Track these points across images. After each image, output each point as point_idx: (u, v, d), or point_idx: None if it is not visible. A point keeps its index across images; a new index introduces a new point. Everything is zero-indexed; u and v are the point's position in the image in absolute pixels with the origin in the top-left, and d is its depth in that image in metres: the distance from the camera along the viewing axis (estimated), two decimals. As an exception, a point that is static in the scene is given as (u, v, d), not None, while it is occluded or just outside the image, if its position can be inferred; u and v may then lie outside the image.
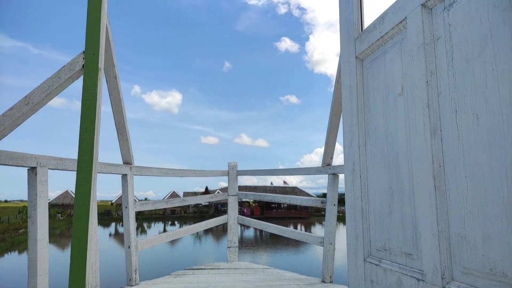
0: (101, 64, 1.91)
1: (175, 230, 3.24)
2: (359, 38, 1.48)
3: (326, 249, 2.81)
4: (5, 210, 57.01)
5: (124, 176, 2.71)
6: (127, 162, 2.75)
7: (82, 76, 1.86)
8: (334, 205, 2.85)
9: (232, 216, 4.04)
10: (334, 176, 2.84)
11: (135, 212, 2.79)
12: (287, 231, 3.29)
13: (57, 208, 44.78)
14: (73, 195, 42.42)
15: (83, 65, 1.87)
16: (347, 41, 1.56)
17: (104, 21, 1.96)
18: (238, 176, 4.15)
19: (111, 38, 2.18)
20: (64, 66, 1.86)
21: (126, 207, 2.71)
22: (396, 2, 1.23)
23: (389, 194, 1.27)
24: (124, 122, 2.52)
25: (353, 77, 1.49)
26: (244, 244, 24.65)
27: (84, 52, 1.89)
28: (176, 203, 3.39)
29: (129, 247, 2.67)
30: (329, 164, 2.90)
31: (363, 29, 1.49)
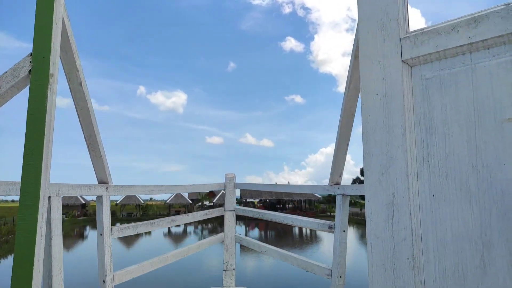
0: (54, 70, 1.52)
1: (161, 256, 2.85)
2: (409, 38, 1.10)
3: (334, 283, 2.40)
4: (11, 210, 57.35)
5: (99, 198, 2.33)
6: (103, 181, 2.36)
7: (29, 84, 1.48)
8: (344, 231, 2.43)
9: (229, 234, 3.64)
10: (343, 197, 2.43)
11: (114, 238, 2.41)
12: (290, 257, 2.88)
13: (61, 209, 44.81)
14: (78, 196, 41.87)
15: (29, 71, 1.49)
16: (381, 38, 1.17)
17: (58, 15, 1.57)
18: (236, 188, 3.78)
19: (72, 37, 1.79)
20: (6, 72, 1.47)
21: (100, 234, 2.32)
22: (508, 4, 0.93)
23: (482, 243, 0.91)
24: (96, 135, 2.13)
25: (396, 85, 1.10)
26: (248, 246, 24.29)
27: (31, 55, 1.50)
28: (163, 224, 3.00)
29: (104, 281, 2.28)
30: (338, 183, 2.49)
31: (409, 28, 1.13)
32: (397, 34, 1.13)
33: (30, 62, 1.49)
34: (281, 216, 3.07)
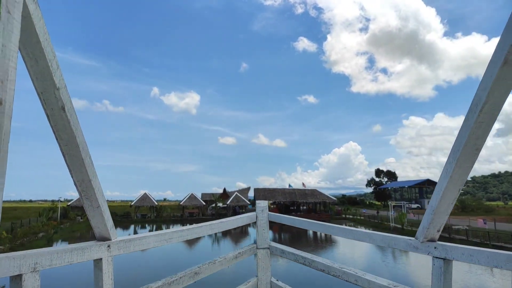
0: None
1: None
2: None
3: None
4: (28, 211, 58.08)
5: (97, 263, 1.65)
6: (103, 237, 1.69)
7: None
8: None
9: (264, 279, 2.93)
10: (445, 262, 1.68)
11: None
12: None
13: (77, 211, 44.98)
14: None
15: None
16: None
17: (16, 15, 0.91)
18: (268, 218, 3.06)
19: (48, 39, 1.12)
20: None
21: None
22: None
23: None
24: (90, 179, 1.46)
25: None
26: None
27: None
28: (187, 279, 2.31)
29: None
30: (433, 240, 1.75)
31: None
32: None
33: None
34: (350, 231, 2.40)
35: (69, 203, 47.10)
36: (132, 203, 50.46)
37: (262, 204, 3.13)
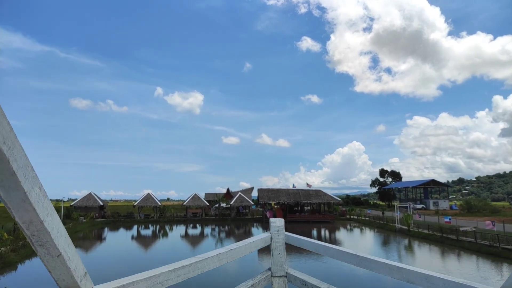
0: None
1: None
2: None
3: None
4: (32, 211, 57.97)
5: None
6: None
7: None
8: None
9: (280, 312, 2.57)
10: None
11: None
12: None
13: (80, 211, 44.81)
14: (96, 197, 42.70)
15: None
16: None
17: None
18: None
19: None
20: None
21: None
22: None
23: None
24: (42, 221, 1.04)
25: None
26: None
27: None
28: None
29: None
30: None
31: None
32: None
33: None
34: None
35: (72, 203, 46.95)
36: (136, 203, 50.27)
37: (278, 223, 2.71)
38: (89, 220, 43.09)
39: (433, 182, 76.67)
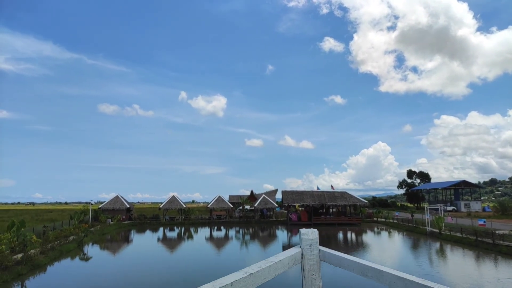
0: None
1: None
2: None
3: None
4: (62, 213, 60.20)
5: None
6: None
7: None
8: None
9: None
10: None
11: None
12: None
13: (107, 214, 45.97)
14: (123, 200, 43.41)
15: None
16: None
17: None
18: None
19: None
20: None
21: None
22: None
23: None
24: None
25: None
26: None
27: None
28: None
29: None
30: None
31: None
32: None
33: None
34: None
35: (100, 206, 48.26)
36: (161, 206, 51.05)
37: (311, 235, 2.10)
38: (116, 222, 44.10)
39: (464, 183, 73.46)
